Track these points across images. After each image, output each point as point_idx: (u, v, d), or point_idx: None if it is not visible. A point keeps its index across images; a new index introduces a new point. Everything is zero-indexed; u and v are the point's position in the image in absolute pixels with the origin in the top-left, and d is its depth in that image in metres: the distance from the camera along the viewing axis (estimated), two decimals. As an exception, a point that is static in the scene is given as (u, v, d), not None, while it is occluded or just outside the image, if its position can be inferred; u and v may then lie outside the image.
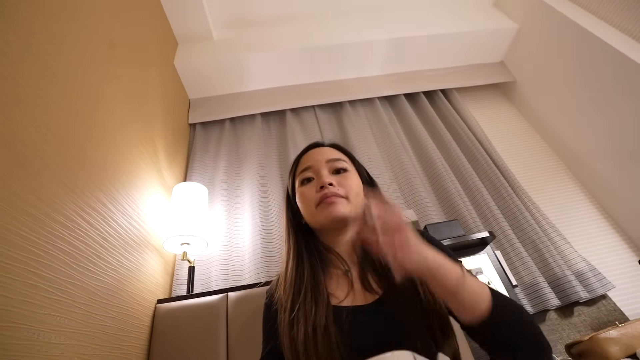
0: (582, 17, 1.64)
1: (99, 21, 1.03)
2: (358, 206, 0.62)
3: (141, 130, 1.20)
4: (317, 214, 0.62)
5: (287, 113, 1.91)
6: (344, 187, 0.62)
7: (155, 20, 1.59)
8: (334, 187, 0.62)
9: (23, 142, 0.65)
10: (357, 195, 0.63)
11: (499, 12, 2.10)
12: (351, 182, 0.64)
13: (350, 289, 0.58)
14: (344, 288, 0.58)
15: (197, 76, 1.83)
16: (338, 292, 0.58)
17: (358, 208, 0.62)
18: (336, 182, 0.63)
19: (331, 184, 0.62)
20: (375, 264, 0.59)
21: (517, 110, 2.07)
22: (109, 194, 0.91)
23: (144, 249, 1.07)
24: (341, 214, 0.59)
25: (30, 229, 0.63)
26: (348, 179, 0.64)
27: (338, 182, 0.63)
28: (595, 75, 1.58)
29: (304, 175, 0.67)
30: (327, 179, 0.62)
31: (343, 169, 0.65)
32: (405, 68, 2.07)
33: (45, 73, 0.75)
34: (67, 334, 0.69)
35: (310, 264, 0.61)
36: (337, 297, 0.57)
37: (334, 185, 0.62)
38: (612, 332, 1.04)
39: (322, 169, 0.65)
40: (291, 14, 1.98)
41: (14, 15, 0.68)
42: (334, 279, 0.61)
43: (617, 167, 1.54)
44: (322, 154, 0.68)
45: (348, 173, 0.65)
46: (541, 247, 1.36)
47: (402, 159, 1.68)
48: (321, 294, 0.56)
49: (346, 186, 0.62)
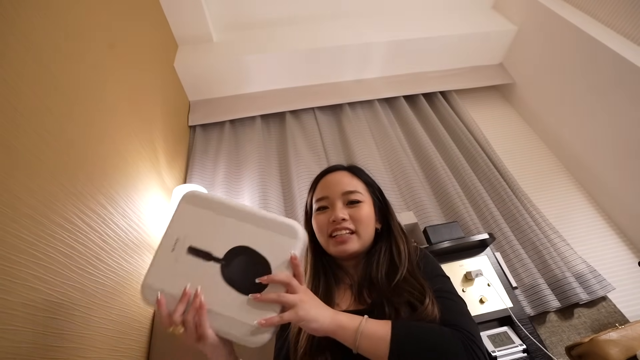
0: (580, 19, 1.65)
1: (98, 24, 1.04)
2: (367, 237, 0.69)
3: (141, 133, 1.20)
4: (329, 245, 0.69)
5: (287, 115, 1.91)
6: (355, 220, 0.68)
7: (155, 23, 1.59)
8: (346, 221, 0.67)
9: (23, 144, 0.65)
10: (366, 227, 0.69)
11: (498, 15, 2.10)
12: (363, 213, 0.69)
13: (353, 300, 0.66)
14: (348, 299, 0.66)
15: (197, 78, 1.84)
16: (342, 303, 0.66)
17: (368, 238, 0.69)
18: (349, 214, 0.68)
19: (344, 219, 0.68)
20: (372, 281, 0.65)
21: (516, 112, 2.08)
22: (108, 196, 0.91)
23: (144, 251, 1.07)
24: (351, 251, 0.67)
25: (29, 232, 0.63)
26: (360, 211, 0.69)
27: (351, 215, 0.68)
28: (594, 77, 1.59)
29: (320, 204, 0.73)
30: (340, 214, 0.68)
31: (357, 200, 0.70)
32: (404, 70, 2.07)
33: (45, 75, 0.75)
34: (66, 337, 0.69)
35: (327, 282, 0.69)
36: (340, 307, 0.65)
37: (347, 220, 0.68)
38: (612, 334, 1.04)
39: (337, 201, 0.70)
40: (291, 16, 1.98)
41: (14, 18, 0.68)
42: (341, 290, 0.69)
43: (617, 169, 1.55)
44: (340, 184, 0.72)
45: (361, 204, 0.70)
46: (541, 249, 1.36)
47: (402, 161, 1.68)
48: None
49: (357, 219, 0.68)
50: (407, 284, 0.61)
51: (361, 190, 0.72)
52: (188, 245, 0.52)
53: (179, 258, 0.51)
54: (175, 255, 0.51)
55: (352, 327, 0.51)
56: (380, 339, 0.50)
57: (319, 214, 0.71)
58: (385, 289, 0.61)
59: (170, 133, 1.53)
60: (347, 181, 0.73)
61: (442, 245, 1.14)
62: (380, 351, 0.50)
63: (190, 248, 0.52)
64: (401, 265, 0.65)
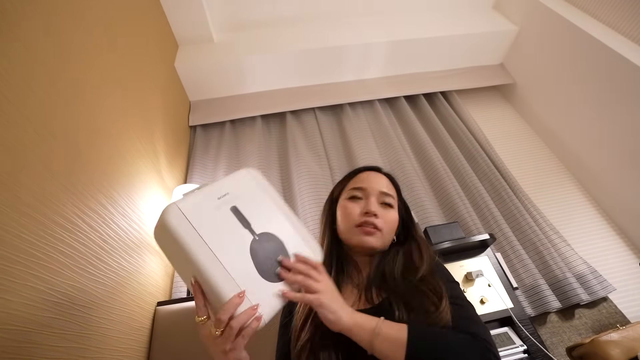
0: (580, 19, 1.65)
1: (99, 24, 1.04)
2: (387, 240, 0.70)
3: (142, 132, 1.21)
4: (353, 234, 0.69)
5: (287, 115, 1.91)
6: (385, 221, 0.69)
7: (155, 23, 1.59)
8: (377, 218, 0.68)
9: (23, 144, 0.65)
10: (390, 231, 0.70)
11: (499, 15, 2.10)
12: (391, 218, 0.70)
13: (358, 298, 0.65)
14: (352, 297, 0.66)
15: (198, 78, 1.84)
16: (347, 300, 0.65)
17: (387, 242, 0.70)
18: (380, 214, 0.69)
19: (375, 215, 0.68)
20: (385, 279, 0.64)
21: (517, 112, 2.08)
22: (109, 196, 0.91)
23: (144, 251, 1.07)
24: (373, 245, 0.67)
25: (30, 231, 0.63)
26: (390, 215, 0.70)
27: (381, 215, 0.69)
28: (594, 76, 1.59)
29: (355, 193, 0.73)
30: (374, 208, 0.69)
31: (390, 204, 0.72)
32: (405, 70, 2.07)
33: (46, 76, 0.75)
34: (66, 337, 0.69)
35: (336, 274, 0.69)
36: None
37: (378, 217, 0.68)
38: (613, 335, 1.04)
39: (373, 196, 0.71)
40: (291, 16, 1.98)
41: (14, 18, 0.68)
42: (348, 286, 0.68)
43: (617, 169, 1.54)
44: (379, 182, 0.74)
45: (392, 209, 0.72)
46: (542, 249, 1.36)
47: (403, 161, 1.68)
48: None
49: (386, 222, 0.69)
50: (425, 285, 0.60)
51: (394, 196, 0.74)
52: (235, 205, 0.53)
53: (221, 208, 0.52)
54: (219, 204, 0.52)
55: (369, 327, 0.51)
56: (397, 342, 0.50)
57: (351, 201, 0.72)
58: (399, 288, 0.61)
59: (170, 133, 1.53)
60: (385, 184, 0.74)
61: (442, 246, 1.14)
62: (396, 354, 0.49)
63: (235, 208, 0.53)
64: (423, 264, 0.65)
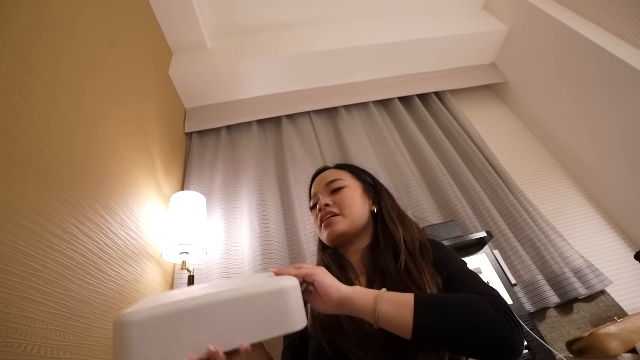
0: (569, 17, 1.68)
1: (93, 33, 1.04)
2: (356, 217, 0.68)
3: (137, 141, 1.21)
4: (322, 235, 0.70)
5: (283, 119, 1.92)
6: (339, 204, 0.69)
7: (149, 31, 1.60)
8: (330, 206, 0.68)
9: (18, 155, 0.65)
10: (352, 209, 0.68)
11: (489, 15, 2.13)
12: (345, 197, 0.69)
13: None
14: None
15: (192, 85, 1.84)
16: None
17: (357, 220, 0.68)
18: (332, 201, 0.69)
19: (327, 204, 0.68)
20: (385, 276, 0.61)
21: (510, 110, 2.10)
22: (106, 206, 0.91)
23: (143, 259, 1.07)
24: (338, 232, 0.66)
25: (27, 243, 0.63)
26: (343, 195, 0.70)
27: (334, 201, 0.69)
28: (584, 73, 1.61)
29: (311, 203, 0.75)
30: (322, 201, 0.69)
31: (338, 187, 0.71)
32: (398, 72, 2.09)
33: (40, 86, 0.75)
34: (66, 348, 0.69)
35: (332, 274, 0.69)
36: None
37: (330, 204, 0.68)
38: (612, 328, 1.04)
39: (322, 192, 0.72)
40: (284, 22, 2.00)
41: (10, 31, 0.69)
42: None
43: (610, 163, 1.57)
44: (323, 179, 0.75)
45: (344, 189, 0.71)
46: (539, 245, 1.37)
47: (398, 161, 1.69)
48: None
49: (340, 202, 0.69)
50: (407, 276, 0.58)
51: (344, 177, 0.73)
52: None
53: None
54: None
55: (371, 293, 0.47)
56: (403, 304, 0.45)
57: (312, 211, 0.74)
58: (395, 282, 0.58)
59: (166, 140, 1.53)
60: (330, 174, 0.75)
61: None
62: (404, 317, 0.44)
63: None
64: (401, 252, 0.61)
